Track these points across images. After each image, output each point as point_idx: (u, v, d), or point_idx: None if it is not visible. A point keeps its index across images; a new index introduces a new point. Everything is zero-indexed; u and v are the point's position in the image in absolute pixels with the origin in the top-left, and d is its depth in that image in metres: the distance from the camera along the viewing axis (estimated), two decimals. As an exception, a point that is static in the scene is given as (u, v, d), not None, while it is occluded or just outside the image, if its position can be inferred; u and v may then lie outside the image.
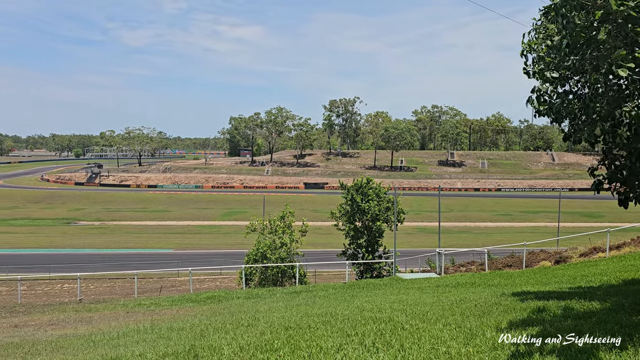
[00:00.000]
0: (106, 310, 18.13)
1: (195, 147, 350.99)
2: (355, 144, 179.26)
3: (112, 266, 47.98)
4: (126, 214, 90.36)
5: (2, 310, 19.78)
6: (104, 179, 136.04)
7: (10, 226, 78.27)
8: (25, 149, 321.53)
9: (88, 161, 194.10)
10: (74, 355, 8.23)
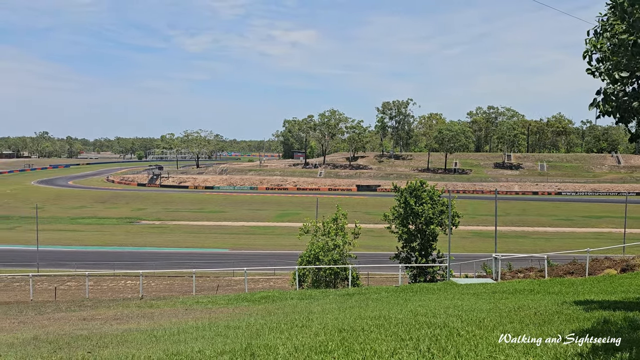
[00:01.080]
0: (166, 306, 18.84)
1: (250, 149, 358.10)
2: (408, 146, 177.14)
3: (171, 264, 49.75)
4: (185, 214, 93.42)
5: (72, 304, 20.98)
6: (164, 180, 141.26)
7: (79, 224, 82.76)
8: (93, 152, 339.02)
9: (149, 163, 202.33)
10: (137, 349, 8.62)
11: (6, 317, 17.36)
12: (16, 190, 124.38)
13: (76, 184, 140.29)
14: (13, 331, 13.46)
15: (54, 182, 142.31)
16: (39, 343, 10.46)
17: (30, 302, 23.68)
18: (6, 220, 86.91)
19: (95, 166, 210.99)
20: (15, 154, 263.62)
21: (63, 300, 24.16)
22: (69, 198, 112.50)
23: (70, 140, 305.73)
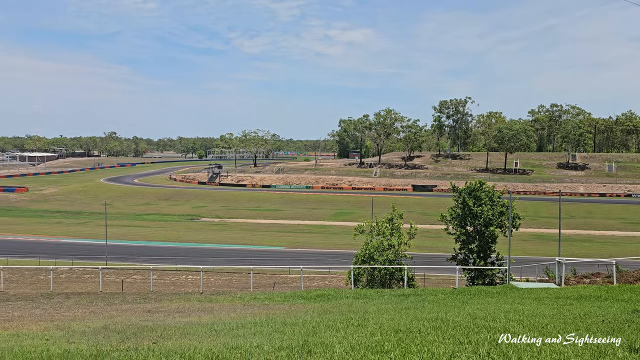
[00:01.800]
0: (225, 301, 19.40)
1: (306, 149, 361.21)
2: (466, 145, 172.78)
3: (230, 261, 51.09)
4: (242, 212, 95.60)
5: (138, 297, 22.02)
6: (223, 178, 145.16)
7: (144, 220, 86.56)
8: (157, 151, 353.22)
9: (209, 162, 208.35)
10: (199, 341, 8.97)
11: (78, 307, 18.46)
12: (87, 187, 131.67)
13: (141, 181, 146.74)
14: (85, 320, 14.32)
15: (121, 180, 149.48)
16: (109, 332, 11.07)
17: (99, 293, 25.04)
18: (78, 215, 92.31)
19: (158, 165, 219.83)
20: (86, 153, 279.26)
21: (129, 293, 25.38)
22: (134, 195, 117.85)
23: (136, 140, 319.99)
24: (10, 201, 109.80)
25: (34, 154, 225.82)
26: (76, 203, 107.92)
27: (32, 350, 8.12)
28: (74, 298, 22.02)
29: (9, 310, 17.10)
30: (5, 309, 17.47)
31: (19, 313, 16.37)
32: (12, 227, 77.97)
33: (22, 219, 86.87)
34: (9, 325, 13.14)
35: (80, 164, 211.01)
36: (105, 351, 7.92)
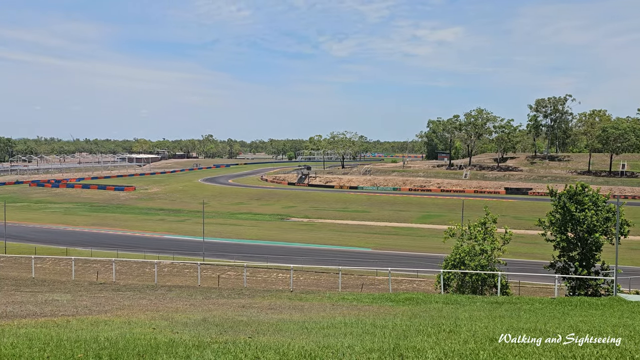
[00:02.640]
0: (314, 300, 19.80)
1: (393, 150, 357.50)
2: (565, 146, 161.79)
3: (318, 260, 51.93)
4: (330, 213, 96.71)
5: (232, 292, 23.11)
6: (311, 179, 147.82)
7: (237, 219, 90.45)
8: (249, 153, 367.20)
9: (298, 163, 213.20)
10: (292, 338, 9.27)
11: (179, 299, 19.75)
12: (186, 187, 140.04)
13: (235, 182, 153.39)
14: (186, 312, 15.29)
15: (217, 180, 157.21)
16: (208, 325, 11.76)
17: (198, 287, 26.59)
18: (178, 213, 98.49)
19: (251, 166, 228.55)
20: (186, 154, 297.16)
21: (225, 288, 26.69)
22: (229, 195, 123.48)
23: (230, 142, 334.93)
24: (120, 199, 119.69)
25: (140, 156, 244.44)
26: (177, 202, 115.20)
27: (142, 338, 8.84)
28: (176, 290, 23.57)
29: (120, 299, 18.69)
30: (117, 298, 19.13)
31: (128, 302, 17.85)
32: (122, 222, 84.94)
33: (129, 216, 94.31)
34: (121, 313, 14.39)
35: (180, 165, 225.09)
36: (206, 342, 8.44)
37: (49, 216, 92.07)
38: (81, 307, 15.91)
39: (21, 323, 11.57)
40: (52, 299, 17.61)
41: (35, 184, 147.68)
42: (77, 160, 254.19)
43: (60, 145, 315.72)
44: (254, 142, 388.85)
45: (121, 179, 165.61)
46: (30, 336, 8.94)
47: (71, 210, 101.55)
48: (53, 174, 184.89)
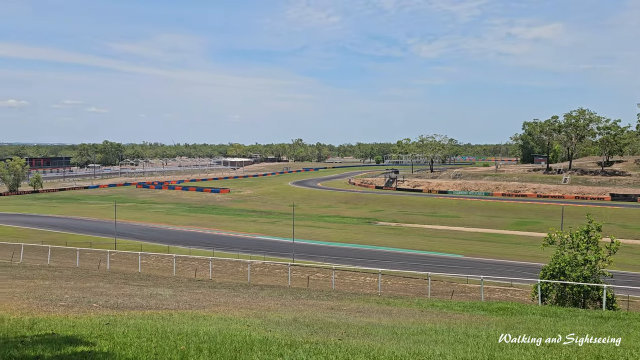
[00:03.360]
0: (403, 306, 19.57)
1: (485, 153, 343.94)
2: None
3: (406, 265, 51.22)
4: (418, 217, 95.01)
5: (321, 294, 23.48)
6: (399, 183, 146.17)
7: (325, 222, 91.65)
8: (337, 156, 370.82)
9: (386, 167, 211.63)
10: (381, 343, 9.27)
11: (271, 298, 20.42)
12: (277, 189, 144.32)
13: (323, 185, 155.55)
14: (277, 311, 15.79)
15: (306, 184, 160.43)
16: (299, 325, 12.07)
17: (288, 287, 27.31)
18: (269, 215, 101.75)
19: (339, 170, 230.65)
20: (276, 158, 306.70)
21: (313, 289, 27.18)
22: (317, 198, 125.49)
23: (319, 146, 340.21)
24: (216, 201, 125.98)
25: (234, 159, 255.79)
26: (268, 204, 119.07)
27: (238, 334, 9.28)
28: (267, 290, 24.39)
29: (217, 296, 19.69)
30: (213, 295, 20.18)
31: (224, 299, 18.76)
32: (217, 223, 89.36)
33: (224, 217, 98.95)
34: (217, 309, 15.17)
35: (271, 169, 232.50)
36: (298, 342, 8.68)
37: (153, 216, 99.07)
38: (182, 301, 16.99)
39: (130, 314, 12.59)
40: (156, 293, 18.96)
41: (141, 186, 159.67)
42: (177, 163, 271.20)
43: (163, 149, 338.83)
44: (342, 146, 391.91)
45: (217, 182, 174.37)
46: (139, 327, 9.71)
47: (172, 210, 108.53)
48: (156, 176, 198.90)
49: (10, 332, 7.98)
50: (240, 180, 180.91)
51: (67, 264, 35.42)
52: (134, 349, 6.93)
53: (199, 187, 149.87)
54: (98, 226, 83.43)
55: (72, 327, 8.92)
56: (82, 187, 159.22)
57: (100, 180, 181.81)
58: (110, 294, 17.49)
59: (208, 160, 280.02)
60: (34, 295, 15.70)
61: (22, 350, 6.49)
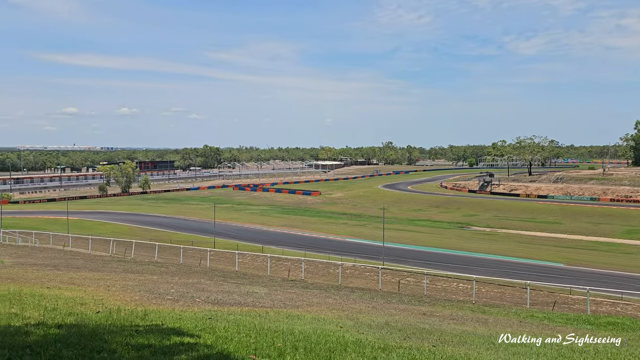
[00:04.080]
0: (499, 315, 18.78)
1: (590, 155, 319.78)
2: None
3: (501, 273, 48.97)
4: (515, 223, 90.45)
5: (412, 299, 23.17)
6: (494, 187, 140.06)
7: (415, 226, 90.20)
8: (428, 159, 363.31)
9: (480, 170, 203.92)
10: (478, 352, 8.99)
11: (362, 301, 20.50)
12: (367, 192, 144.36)
13: (413, 188, 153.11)
14: (369, 314, 15.83)
15: (395, 187, 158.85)
16: (391, 329, 12.02)
17: (379, 290, 27.26)
18: (359, 218, 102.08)
19: (430, 173, 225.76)
20: (366, 161, 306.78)
21: (404, 294, 26.88)
22: (407, 201, 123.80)
23: (409, 148, 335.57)
24: (307, 203, 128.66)
25: (325, 163, 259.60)
26: (357, 206, 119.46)
27: (331, 335, 9.44)
28: (358, 292, 24.51)
29: (309, 297, 20.14)
30: (306, 295, 20.66)
31: (316, 300, 19.14)
32: (308, 225, 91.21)
33: (315, 219, 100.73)
34: (310, 309, 15.53)
35: (361, 172, 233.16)
36: (391, 346, 8.66)
37: (248, 216, 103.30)
38: (277, 300, 17.58)
39: (230, 310, 13.27)
40: (253, 291, 19.79)
41: (237, 188, 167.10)
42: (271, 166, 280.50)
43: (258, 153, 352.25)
44: (433, 149, 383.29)
45: (308, 184, 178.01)
46: (238, 322, 10.22)
47: (266, 212, 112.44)
48: (252, 179, 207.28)
49: (126, 321, 8.75)
50: (331, 183, 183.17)
51: (172, 260, 38.00)
52: (234, 343, 7.31)
53: (292, 190, 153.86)
54: (198, 226, 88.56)
55: (178, 320, 9.60)
56: (185, 188, 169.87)
57: (200, 183, 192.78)
58: (211, 290, 18.53)
59: (300, 163, 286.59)
60: (144, 289, 17.05)
61: (136, 338, 7.10)
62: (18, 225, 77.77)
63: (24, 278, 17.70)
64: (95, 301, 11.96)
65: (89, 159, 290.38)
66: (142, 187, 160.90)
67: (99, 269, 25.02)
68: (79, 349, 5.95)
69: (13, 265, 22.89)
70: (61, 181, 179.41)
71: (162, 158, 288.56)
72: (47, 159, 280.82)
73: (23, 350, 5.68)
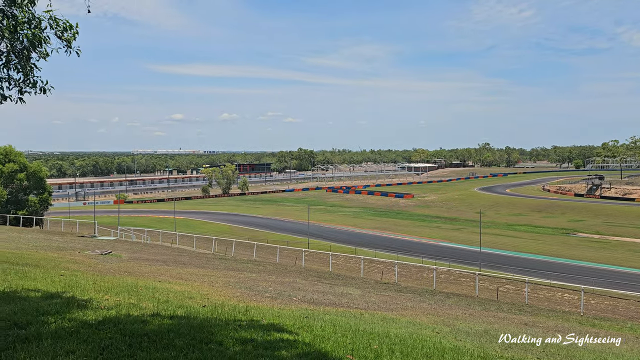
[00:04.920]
0: (611, 329, 17.38)
1: None
2: None
3: (612, 284, 45.13)
4: (629, 230, 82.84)
5: (512, 307, 22.10)
6: (604, 191, 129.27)
7: (514, 231, 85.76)
8: (529, 161, 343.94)
9: (588, 172, 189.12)
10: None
11: (458, 307, 19.92)
12: (462, 195, 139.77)
13: (513, 192, 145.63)
14: (465, 321, 15.37)
15: (493, 190, 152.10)
16: (490, 337, 11.59)
17: (475, 297, 26.30)
18: (454, 221, 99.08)
19: (530, 175, 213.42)
20: (461, 163, 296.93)
21: (503, 302, 25.70)
22: (506, 205, 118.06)
23: (508, 150, 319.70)
24: (400, 206, 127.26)
25: (418, 165, 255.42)
26: (452, 210, 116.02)
27: (427, 340, 9.32)
28: (453, 298, 23.84)
29: (403, 300, 19.96)
30: (400, 299, 20.49)
31: (411, 304, 18.92)
32: (400, 228, 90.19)
33: (408, 222, 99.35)
34: (405, 313, 15.40)
35: (456, 174, 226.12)
36: (491, 355, 8.38)
37: (341, 218, 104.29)
38: (370, 302, 17.63)
39: (325, 310, 13.54)
40: (347, 292, 19.99)
41: (330, 190, 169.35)
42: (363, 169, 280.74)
43: (350, 155, 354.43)
44: (534, 150, 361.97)
45: (400, 187, 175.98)
46: (334, 322, 10.41)
47: (358, 214, 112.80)
48: (344, 181, 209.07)
49: (229, 315, 9.27)
50: (424, 186, 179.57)
51: (269, 259, 39.41)
52: (331, 343, 7.47)
53: (384, 192, 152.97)
54: (293, 226, 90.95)
55: (277, 317, 9.98)
56: (280, 190, 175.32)
57: (295, 185, 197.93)
58: (307, 290, 19.00)
59: (392, 165, 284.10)
60: (244, 286, 17.89)
61: (240, 332, 7.50)
62: (132, 223, 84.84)
63: (138, 272, 19.32)
64: (202, 296, 12.78)
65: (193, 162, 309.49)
66: (241, 189, 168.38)
67: (203, 266, 26.63)
68: (189, 339, 6.41)
69: (129, 260, 25.05)
70: (169, 183, 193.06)
71: (259, 161, 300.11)
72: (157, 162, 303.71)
73: (142, 338, 6.23)
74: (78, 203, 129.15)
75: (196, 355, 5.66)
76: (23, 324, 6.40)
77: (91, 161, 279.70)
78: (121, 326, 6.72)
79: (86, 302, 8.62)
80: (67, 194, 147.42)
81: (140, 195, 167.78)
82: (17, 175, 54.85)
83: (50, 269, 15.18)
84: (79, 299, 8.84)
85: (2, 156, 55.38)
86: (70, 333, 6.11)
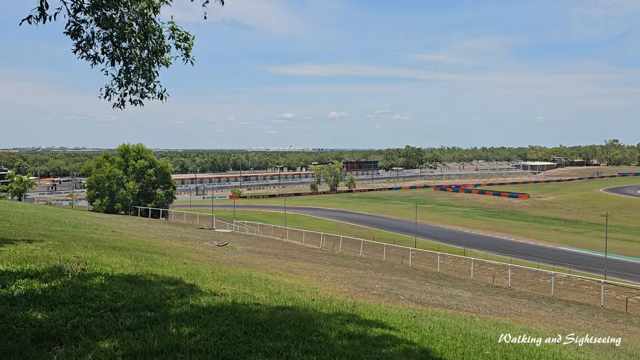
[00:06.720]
0: None
1: None
2: None
3: None
4: None
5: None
6: None
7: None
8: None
9: None
10: None
11: (579, 317, 18.41)
12: (585, 196, 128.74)
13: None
14: (588, 332, 14.16)
15: (623, 191, 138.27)
16: (619, 352, 10.60)
17: (600, 307, 24.14)
18: (575, 224, 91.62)
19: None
20: (585, 162, 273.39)
21: (634, 314, 23.30)
22: (637, 208, 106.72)
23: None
24: (514, 206, 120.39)
25: (534, 163, 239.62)
26: (573, 212, 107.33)
27: (545, 350, 8.72)
28: (574, 307, 22.08)
29: (517, 306, 18.87)
30: (513, 304, 19.41)
31: (525, 310, 17.84)
32: (514, 229, 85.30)
33: (522, 223, 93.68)
34: (520, 319, 14.55)
35: (578, 173, 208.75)
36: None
37: (449, 218, 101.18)
38: (481, 306, 16.91)
39: (433, 311, 13.24)
40: (455, 294, 19.37)
41: (438, 189, 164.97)
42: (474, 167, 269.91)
43: (460, 153, 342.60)
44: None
45: (514, 186, 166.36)
46: (443, 324, 10.14)
47: (468, 213, 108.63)
48: (453, 179, 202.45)
49: (337, 310, 9.42)
50: (541, 185, 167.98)
51: (375, 257, 39.38)
52: (440, 345, 7.29)
53: (496, 192, 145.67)
54: (400, 225, 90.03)
55: (384, 315, 9.95)
56: (387, 188, 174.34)
57: (402, 183, 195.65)
58: (414, 289, 18.71)
59: (506, 164, 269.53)
60: (351, 282, 18.08)
61: (347, 327, 7.59)
62: (246, 217, 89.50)
63: (252, 263, 20.34)
64: (310, 289, 13.13)
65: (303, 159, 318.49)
66: (348, 186, 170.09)
67: (312, 260, 27.33)
68: (299, 330, 6.62)
69: (243, 252, 26.47)
70: (280, 179, 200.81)
71: (366, 158, 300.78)
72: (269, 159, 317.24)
73: (255, 327, 6.55)
74: (198, 197, 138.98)
75: (306, 346, 5.82)
76: (152, 306, 7.02)
77: (210, 158, 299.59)
78: (237, 314, 7.11)
79: (206, 290, 9.26)
80: (189, 189, 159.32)
81: (254, 190, 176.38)
82: (147, 170, 60.32)
83: (175, 257, 16.52)
84: (199, 287, 9.52)
85: (135, 153, 61.20)
86: (192, 317, 6.60)
